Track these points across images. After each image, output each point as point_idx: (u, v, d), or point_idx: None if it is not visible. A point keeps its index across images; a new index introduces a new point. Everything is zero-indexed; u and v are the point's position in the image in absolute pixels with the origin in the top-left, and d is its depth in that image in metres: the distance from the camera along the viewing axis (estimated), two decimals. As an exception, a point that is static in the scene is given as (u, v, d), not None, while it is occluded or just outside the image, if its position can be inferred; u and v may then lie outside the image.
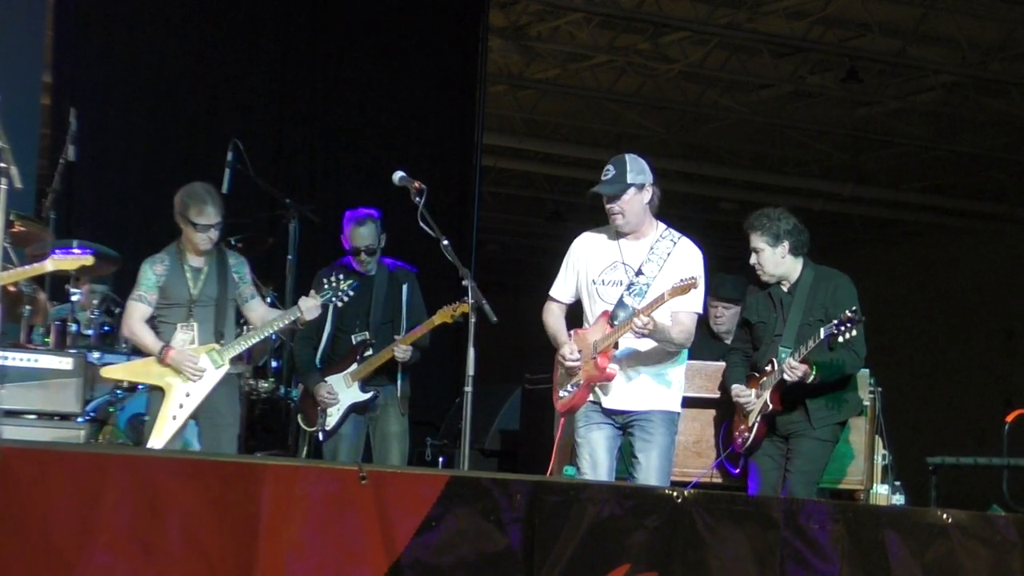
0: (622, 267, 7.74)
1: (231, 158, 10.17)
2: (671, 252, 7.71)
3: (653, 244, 7.74)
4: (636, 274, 7.69)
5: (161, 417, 8.33)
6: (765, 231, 8.27)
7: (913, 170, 21.20)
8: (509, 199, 22.77)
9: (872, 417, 9.34)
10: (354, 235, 9.36)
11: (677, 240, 7.79)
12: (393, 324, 9.41)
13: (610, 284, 7.75)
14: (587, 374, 7.69)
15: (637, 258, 7.72)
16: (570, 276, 7.94)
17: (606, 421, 7.78)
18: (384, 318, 9.38)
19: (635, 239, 7.77)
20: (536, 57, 17.41)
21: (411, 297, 9.52)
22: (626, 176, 7.64)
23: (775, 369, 8.13)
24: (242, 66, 12.82)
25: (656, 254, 7.71)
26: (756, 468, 8.37)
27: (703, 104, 18.71)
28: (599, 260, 7.81)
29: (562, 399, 7.84)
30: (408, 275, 9.60)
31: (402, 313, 9.43)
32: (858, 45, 16.52)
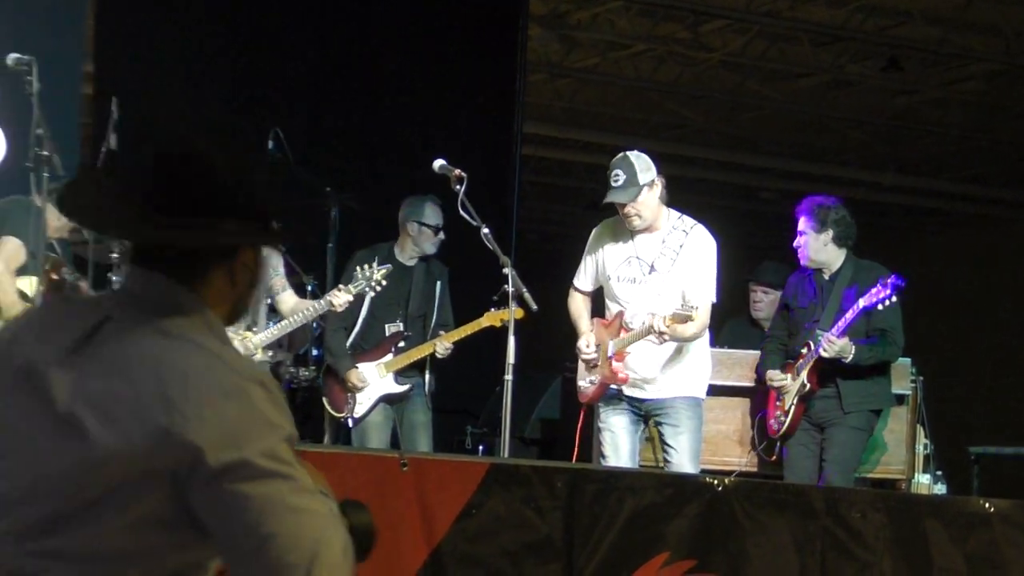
0: (636, 263, 7.78)
1: (272, 147, 10.18)
2: (683, 244, 7.75)
3: (665, 237, 7.77)
4: (650, 271, 7.72)
5: None
6: (812, 216, 8.33)
7: (954, 159, 21.07)
8: (549, 188, 22.74)
9: (913, 406, 9.35)
10: (428, 212, 9.28)
11: (689, 230, 7.82)
12: (425, 318, 9.42)
13: (625, 281, 7.80)
14: (602, 374, 7.75)
15: (651, 253, 7.75)
16: (589, 267, 8.01)
17: (628, 408, 7.82)
18: (419, 311, 9.40)
19: (649, 234, 7.80)
20: (575, 46, 17.36)
21: (443, 294, 9.53)
22: (637, 178, 7.68)
23: (812, 350, 8.14)
24: (282, 55, 12.82)
25: (668, 247, 7.74)
26: (791, 457, 8.38)
27: (742, 93, 18.63)
28: (614, 255, 7.86)
29: (584, 389, 7.89)
30: (443, 271, 9.61)
31: (434, 308, 9.43)
32: (899, 33, 16.41)
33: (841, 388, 8.19)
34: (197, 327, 2.83)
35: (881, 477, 9.34)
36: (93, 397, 2.73)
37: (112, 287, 9.83)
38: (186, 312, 2.84)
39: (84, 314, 2.86)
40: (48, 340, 2.83)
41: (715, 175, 21.75)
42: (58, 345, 2.81)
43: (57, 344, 2.81)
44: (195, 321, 2.84)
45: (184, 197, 2.82)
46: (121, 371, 2.74)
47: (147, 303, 2.84)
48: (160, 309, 2.83)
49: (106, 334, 2.81)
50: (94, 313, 2.86)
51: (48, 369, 2.78)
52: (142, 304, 2.84)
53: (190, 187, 2.83)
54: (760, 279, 10.26)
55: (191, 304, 2.86)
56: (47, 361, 2.79)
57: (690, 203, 21.33)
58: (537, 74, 17.42)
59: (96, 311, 2.86)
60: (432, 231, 9.35)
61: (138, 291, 2.88)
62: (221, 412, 2.71)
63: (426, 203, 9.35)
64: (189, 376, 2.73)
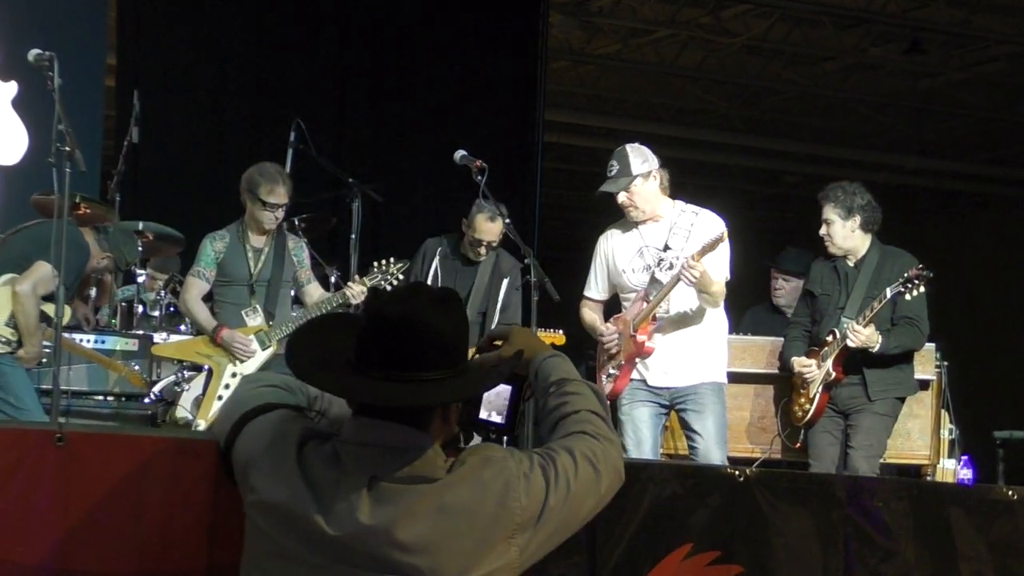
0: (647, 251, 7.76)
1: (293, 138, 10.21)
2: (694, 223, 7.72)
3: (673, 222, 7.76)
4: (663, 250, 7.70)
5: (208, 396, 8.40)
6: (838, 203, 8.28)
7: (977, 141, 21.00)
8: (572, 175, 22.72)
9: (938, 391, 9.34)
10: (484, 228, 9.21)
11: (698, 212, 7.79)
12: (486, 316, 9.33)
13: (640, 270, 7.78)
14: (626, 352, 7.74)
15: (660, 238, 7.74)
16: (600, 273, 7.98)
17: (651, 399, 7.80)
18: (479, 309, 9.31)
19: (654, 223, 7.79)
20: (598, 32, 17.34)
21: (509, 293, 9.41)
22: (630, 168, 7.66)
23: (837, 339, 8.12)
24: (304, 45, 12.84)
25: (679, 227, 7.73)
26: (815, 444, 8.36)
27: (765, 77, 18.59)
28: (624, 250, 7.84)
29: (605, 384, 7.86)
30: (513, 268, 9.41)
31: (496, 307, 9.35)
32: (921, 16, 16.36)
33: (867, 375, 8.17)
34: (441, 465, 3.43)
35: (906, 463, 9.32)
36: (417, 546, 3.35)
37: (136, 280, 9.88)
38: (431, 455, 3.43)
39: (346, 480, 3.39)
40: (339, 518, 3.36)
41: (738, 160, 21.72)
42: (352, 519, 3.36)
43: (351, 519, 3.36)
44: (440, 460, 3.44)
45: (418, 358, 3.43)
46: (425, 519, 3.36)
47: (396, 452, 3.41)
48: (412, 456, 3.40)
49: (385, 493, 3.37)
50: (355, 478, 3.39)
51: (366, 539, 3.36)
52: (393, 454, 3.40)
53: (425, 351, 3.44)
54: (781, 266, 10.25)
55: (430, 446, 3.44)
56: (358, 536, 3.36)
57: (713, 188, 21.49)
58: (559, 61, 17.41)
59: (356, 474, 3.39)
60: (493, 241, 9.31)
61: (386, 442, 3.41)
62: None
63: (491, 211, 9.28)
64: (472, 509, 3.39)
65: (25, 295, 7.95)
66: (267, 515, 3.46)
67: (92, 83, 11.57)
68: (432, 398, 3.43)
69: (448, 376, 3.45)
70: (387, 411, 3.43)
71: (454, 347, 3.49)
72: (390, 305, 3.48)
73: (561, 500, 3.48)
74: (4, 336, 7.96)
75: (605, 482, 3.59)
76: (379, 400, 3.42)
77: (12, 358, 8.01)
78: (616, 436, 3.71)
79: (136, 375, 8.95)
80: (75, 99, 9.09)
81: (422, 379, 3.42)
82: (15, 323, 7.99)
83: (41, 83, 7.32)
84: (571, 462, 3.52)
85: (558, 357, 3.82)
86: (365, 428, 3.44)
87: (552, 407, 3.70)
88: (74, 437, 3.91)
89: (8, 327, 7.98)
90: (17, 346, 8.01)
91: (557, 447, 3.57)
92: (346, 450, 3.43)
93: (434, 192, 9.77)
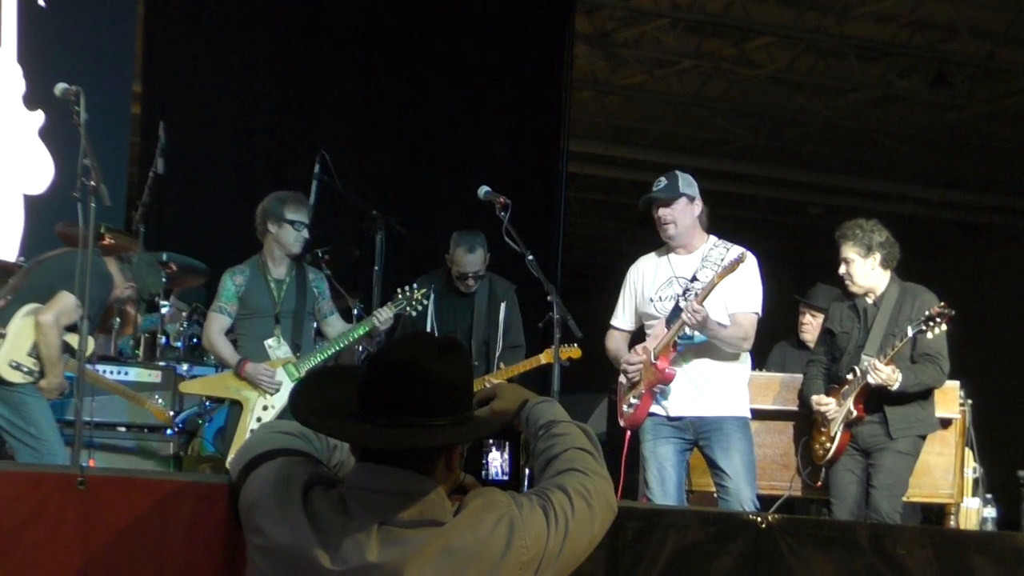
0: (676, 281, 7.73)
1: (318, 170, 10.21)
2: (724, 258, 7.67)
3: (705, 254, 7.73)
4: (691, 281, 7.68)
5: (240, 431, 8.40)
6: (857, 242, 8.22)
7: (1003, 174, 20.94)
8: (595, 205, 22.73)
9: (962, 430, 9.27)
10: (462, 260, 9.32)
11: (730, 247, 7.75)
12: (489, 345, 9.36)
13: (667, 299, 7.74)
14: (647, 379, 7.68)
15: (690, 269, 7.71)
16: (628, 303, 7.95)
17: (675, 435, 7.74)
18: (483, 338, 9.35)
19: (686, 253, 7.77)
20: (622, 63, 17.36)
21: (509, 316, 9.46)
22: (678, 186, 7.66)
23: (857, 377, 8.08)
24: (329, 77, 12.87)
25: (710, 261, 7.69)
26: (837, 483, 8.31)
27: (790, 109, 18.59)
28: (654, 279, 7.82)
29: (627, 413, 7.82)
30: (508, 291, 9.52)
31: (498, 332, 9.38)
32: (947, 48, 16.36)
33: (888, 414, 8.12)
34: (448, 509, 3.48)
35: (929, 502, 9.27)
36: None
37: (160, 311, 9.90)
38: (435, 499, 3.47)
39: (353, 524, 3.42)
40: (345, 557, 3.40)
41: (762, 191, 21.70)
42: (360, 557, 3.39)
43: (359, 556, 3.39)
44: (446, 505, 3.49)
45: (420, 404, 3.48)
46: (432, 562, 3.40)
47: (403, 497, 3.45)
48: (417, 500, 3.45)
49: (393, 536, 3.41)
50: (362, 521, 3.43)
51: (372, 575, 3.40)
52: (399, 499, 3.45)
53: (427, 397, 3.49)
54: (811, 302, 10.20)
55: (436, 490, 3.49)
56: (365, 571, 3.40)
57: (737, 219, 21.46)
58: (584, 91, 17.44)
59: (363, 519, 3.43)
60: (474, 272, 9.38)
61: (392, 487, 3.46)
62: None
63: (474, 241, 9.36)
64: (478, 551, 3.43)
65: (48, 325, 7.96)
66: (270, 558, 3.48)
67: (118, 111, 11.61)
68: (432, 442, 3.49)
69: (451, 423, 3.51)
70: (391, 457, 3.48)
71: (456, 394, 3.55)
72: (392, 351, 3.56)
73: (561, 538, 3.54)
74: (26, 366, 7.97)
75: (599, 517, 3.67)
76: (380, 444, 3.48)
77: (34, 388, 8.02)
78: (606, 471, 3.78)
79: (160, 409, 8.96)
80: (101, 127, 9.14)
81: (424, 424, 3.47)
82: (38, 353, 8.00)
83: (68, 112, 7.33)
84: (567, 500, 3.59)
85: (547, 402, 3.89)
86: (370, 473, 3.49)
87: (542, 449, 3.76)
88: (95, 481, 3.92)
89: (31, 357, 7.99)
90: (39, 376, 8.02)
91: (551, 486, 3.63)
92: (352, 495, 3.48)
93: (458, 225, 9.74)
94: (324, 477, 3.58)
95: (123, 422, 9.19)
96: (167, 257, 9.75)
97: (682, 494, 7.84)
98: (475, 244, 9.25)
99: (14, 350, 7.96)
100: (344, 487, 3.51)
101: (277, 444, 3.70)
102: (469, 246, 9.27)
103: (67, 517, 3.86)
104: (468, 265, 9.30)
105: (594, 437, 3.83)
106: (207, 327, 8.69)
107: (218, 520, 3.93)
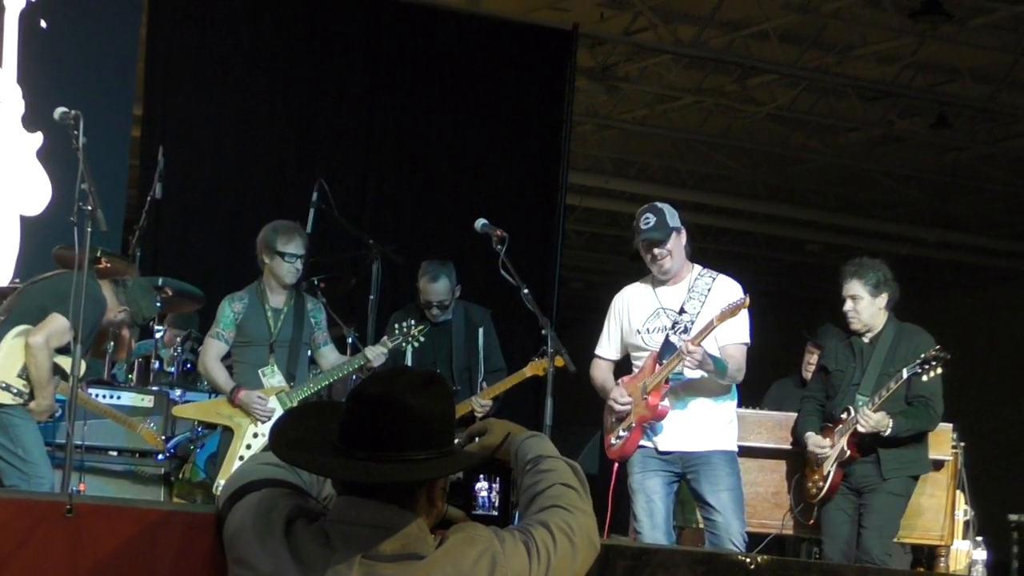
0: (664, 313, 7.71)
1: (316, 198, 10.23)
2: (711, 287, 7.68)
3: (691, 284, 7.72)
4: (679, 313, 7.66)
5: (230, 457, 8.40)
6: (867, 279, 8.17)
7: (1002, 216, 20.99)
8: (594, 237, 22.76)
9: (954, 472, 9.25)
10: (427, 290, 9.40)
11: (716, 276, 7.75)
12: (470, 371, 9.39)
13: (655, 331, 7.72)
14: (638, 415, 7.66)
15: (677, 300, 7.70)
16: (614, 332, 7.93)
17: (663, 468, 7.73)
18: (463, 364, 9.38)
19: (673, 284, 7.75)
20: (624, 97, 17.40)
21: (487, 340, 9.51)
22: (667, 221, 7.63)
23: (851, 416, 8.06)
24: (330, 105, 12.88)
25: (696, 291, 7.68)
26: (829, 523, 8.30)
27: (791, 146, 18.64)
28: (640, 310, 7.80)
29: (614, 446, 7.80)
30: (484, 316, 9.58)
31: (479, 358, 9.41)
32: (948, 90, 16.41)
33: (881, 455, 8.10)
34: (430, 543, 3.47)
35: (920, 542, 9.25)
36: None
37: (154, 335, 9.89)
38: (416, 532, 3.46)
39: (335, 557, 3.42)
40: None
41: (761, 227, 21.74)
42: None
43: None
44: (428, 538, 3.48)
45: (400, 438, 3.46)
46: None
47: (384, 531, 3.44)
48: (399, 534, 3.45)
49: (376, 570, 3.41)
50: (344, 555, 3.43)
51: None
52: (380, 532, 3.44)
53: (407, 432, 3.47)
54: (820, 340, 10.15)
55: (418, 522, 3.48)
56: None
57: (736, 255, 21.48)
58: (585, 125, 17.47)
59: (345, 552, 3.43)
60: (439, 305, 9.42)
61: (373, 520, 3.45)
62: None
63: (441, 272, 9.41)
64: None
65: (38, 347, 7.94)
66: None
67: (118, 134, 11.61)
68: (411, 476, 3.47)
69: (432, 457, 3.49)
70: (373, 490, 3.47)
71: (437, 429, 3.52)
72: (371, 385, 3.53)
73: (543, 574, 3.54)
74: (16, 387, 7.95)
75: (581, 554, 3.65)
76: (359, 479, 3.47)
77: (23, 410, 8.00)
78: (590, 508, 3.76)
79: (152, 433, 8.94)
80: (101, 149, 9.14)
81: (404, 459, 3.46)
82: (28, 375, 7.99)
83: (67, 134, 7.34)
84: (549, 536, 3.57)
85: (535, 437, 3.86)
86: (351, 507, 3.48)
87: (528, 485, 3.74)
88: (84, 509, 3.90)
89: (20, 378, 7.98)
90: (29, 398, 8.01)
91: (534, 522, 3.61)
92: (334, 529, 3.47)
93: (455, 255, 9.76)
94: (307, 510, 3.57)
95: (115, 446, 9.17)
96: (162, 282, 9.76)
97: (670, 526, 7.83)
98: (439, 274, 9.34)
99: (4, 371, 7.95)
100: (326, 520, 3.50)
101: (264, 475, 3.69)
102: (433, 275, 9.37)
103: (54, 545, 3.83)
104: (432, 294, 9.36)
105: (581, 473, 3.81)
106: (203, 352, 8.69)
107: (206, 549, 3.90)
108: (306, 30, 12.81)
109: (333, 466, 3.51)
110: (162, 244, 11.69)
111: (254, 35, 12.60)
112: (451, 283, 9.38)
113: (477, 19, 13.74)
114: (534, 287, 8.18)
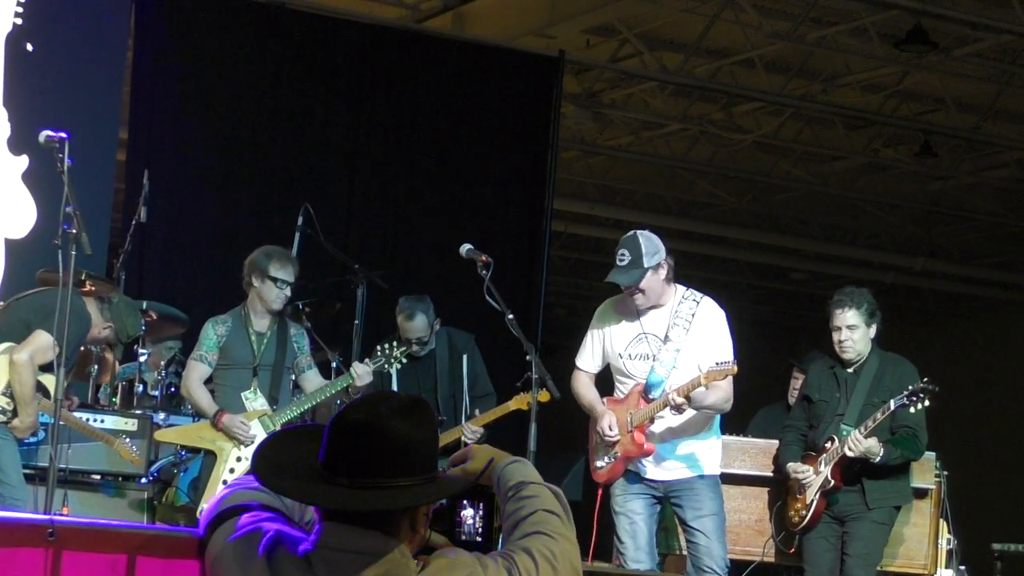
0: (646, 339, 7.68)
1: (301, 223, 10.24)
2: (695, 313, 7.64)
3: (675, 309, 7.67)
4: (663, 342, 7.63)
5: (212, 481, 8.38)
6: (862, 309, 8.16)
7: (986, 245, 21.06)
8: (580, 264, 22.77)
9: (937, 500, 9.26)
10: (404, 328, 9.44)
11: (700, 300, 7.71)
12: (456, 398, 9.38)
13: (638, 358, 7.69)
14: (624, 449, 7.66)
15: (661, 326, 7.66)
16: (596, 347, 7.91)
17: (645, 491, 7.73)
18: (448, 393, 9.37)
19: (656, 308, 7.70)
20: (609, 124, 17.44)
21: (472, 366, 9.50)
22: (642, 260, 7.49)
23: (836, 446, 8.07)
24: (315, 130, 12.87)
25: (680, 317, 7.64)
26: (811, 551, 8.29)
27: (775, 174, 18.67)
28: (622, 334, 7.76)
29: (600, 469, 7.81)
30: (468, 342, 9.58)
31: (463, 386, 9.40)
32: (932, 120, 16.46)
33: (865, 484, 8.11)
34: (412, 569, 3.46)
35: (903, 571, 9.25)
36: None
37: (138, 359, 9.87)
38: (399, 558, 3.45)
39: None
40: None
41: (746, 255, 21.78)
42: None
43: None
44: (410, 564, 3.47)
45: (382, 465, 3.46)
46: None
47: (367, 557, 3.44)
48: (382, 561, 3.44)
49: None
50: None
51: None
52: (363, 559, 3.44)
53: (390, 458, 3.46)
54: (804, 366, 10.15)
55: (400, 549, 3.47)
56: None
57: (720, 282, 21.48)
58: (570, 151, 17.49)
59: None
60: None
61: (356, 547, 3.45)
62: None
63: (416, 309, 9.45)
64: None
65: (22, 364, 7.93)
66: None
67: (104, 157, 11.57)
68: (393, 503, 3.46)
69: (415, 483, 3.48)
70: (355, 517, 3.46)
71: (420, 455, 3.51)
72: (353, 411, 3.51)
73: None
74: None
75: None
76: (341, 506, 3.46)
77: (5, 428, 7.98)
78: (573, 534, 3.73)
79: (127, 449, 8.89)
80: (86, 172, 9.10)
81: (386, 486, 3.45)
82: (11, 392, 7.97)
83: (52, 157, 7.33)
84: (531, 562, 3.56)
85: (518, 462, 3.83)
86: (333, 533, 3.47)
87: (511, 511, 3.72)
88: (66, 532, 3.89)
89: (4, 396, 7.96)
90: (12, 416, 7.98)
91: (516, 548, 3.59)
92: (317, 555, 3.46)
93: (439, 280, 9.79)
94: (290, 537, 3.55)
95: (97, 469, 9.15)
96: (147, 305, 9.75)
97: (654, 548, 7.83)
98: (415, 311, 9.38)
99: None
100: (309, 545, 3.49)
101: (246, 500, 3.67)
102: (409, 313, 9.43)
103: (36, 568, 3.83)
104: (410, 332, 9.41)
105: (564, 499, 3.81)
106: (186, 375, 8.68)
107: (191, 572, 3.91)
108: (292, 54, 12.80)
109: (316, 493, 3.50)
110: (147, 268, 11.65)
111: (239, 60, 12.59)
112: (428, 319, 9.41)
113: (463, 45, 13.76)
114: (519, 313, 8.17)
